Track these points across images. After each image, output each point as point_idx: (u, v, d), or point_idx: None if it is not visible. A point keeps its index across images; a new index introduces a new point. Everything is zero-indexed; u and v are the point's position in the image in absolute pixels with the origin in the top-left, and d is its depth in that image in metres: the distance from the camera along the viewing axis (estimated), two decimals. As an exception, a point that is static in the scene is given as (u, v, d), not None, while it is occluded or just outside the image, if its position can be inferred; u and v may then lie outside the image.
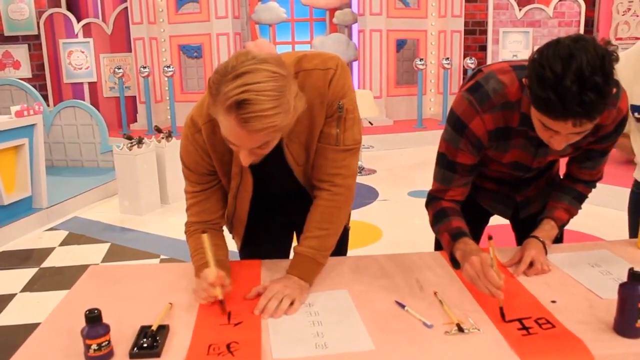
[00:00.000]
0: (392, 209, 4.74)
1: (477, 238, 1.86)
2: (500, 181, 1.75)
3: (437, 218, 1.60)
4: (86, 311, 1.09)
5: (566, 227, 1.71)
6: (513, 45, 8.26)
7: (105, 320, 1.12)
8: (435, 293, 1.40)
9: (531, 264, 1.53)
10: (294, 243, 1.80)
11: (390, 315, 1.30)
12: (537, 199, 1.77)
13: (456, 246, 1.47)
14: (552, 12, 8.14)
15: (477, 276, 1.32)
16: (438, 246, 1.79)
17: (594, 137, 1.49)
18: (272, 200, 1.66)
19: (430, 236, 1.79)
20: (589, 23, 8.33)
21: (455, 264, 1.49)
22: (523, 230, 1.73)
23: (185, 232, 1.56)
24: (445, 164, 1.58)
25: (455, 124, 1.51)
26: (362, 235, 4.03)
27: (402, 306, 1.33)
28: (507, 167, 1.63)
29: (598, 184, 1.70)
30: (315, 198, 1.52)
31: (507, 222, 1.91)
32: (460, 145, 1.51)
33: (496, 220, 1.89)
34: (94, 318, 1.08)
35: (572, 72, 1.15)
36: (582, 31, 8.02)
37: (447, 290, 1.42)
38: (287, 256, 1.79)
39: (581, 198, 1.68)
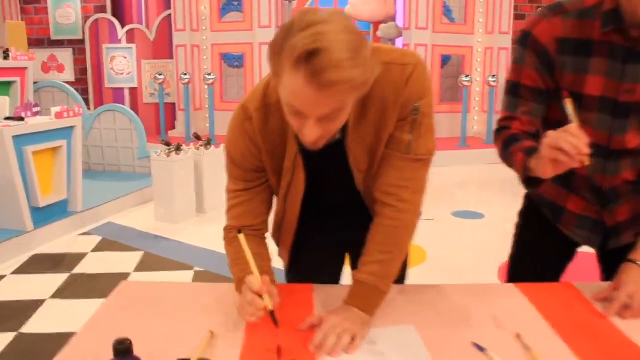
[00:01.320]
0: (436, 229, 4.51)
1: (560, 275, 1.64)
2: (587, 191, 1.46)
3: (507, 143, 1.37)
4: (115, 342, 0.91)
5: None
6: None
7: (136, 350, 0.95)
8: (518, 335, 1.19)
9: (628, 304, 1.27)
10: (346, 266, 1.63)
11: (467, 358, 1.10)
12: (631, 225, 1.49)
13: (532, 158, 1.25)
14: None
15: (556, 136, 1.12)
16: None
17: None
18: (324, 212, 1.48)
19: (477, 259, 1.59)
20: None
21: (530, 185, 1.31)
22: (612, 263, 1.50)
23: (224, 239, 1.38)
24: (509, 88, 1.40)
25: (520, 37, 1.35)
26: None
27: (482, 349, 1.13)
28: (593, 106, 1.33)
29: None
30: (377, 215, 1.30)
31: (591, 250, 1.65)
32: (525, 59, 1.33)
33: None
34: (124, 351, 0.91)
35: None
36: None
37: (530, 332, 1.21)
38: (338, 281, 1.60)
39: None
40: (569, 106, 1.18)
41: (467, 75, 7.51)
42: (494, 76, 7.64)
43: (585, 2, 1.28)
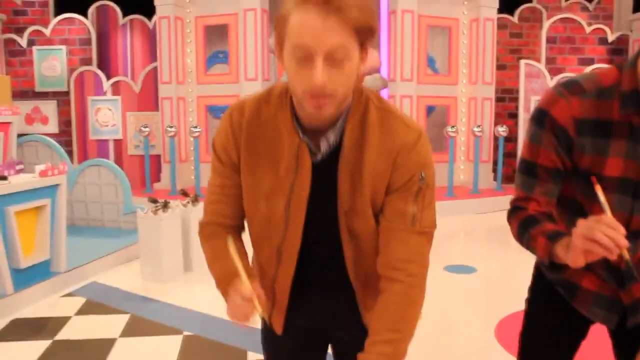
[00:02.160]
0: (429, 286, 4.43)
1: (572, 354, 1.57)
2: (603, 269, 1.41)
3: (525, 225, 1.34)
4: None
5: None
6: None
7: None
8: None
9: None
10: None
11: None
12: None
13: (557, 245, 1.22)
14: (585, 82, 8.00)
15: (590, 227, 1.08)
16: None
17: None
18: (310, 285, 1.35)
19: (472, 316, 1.53)
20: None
21: (553, 269, 1.26)
22: (627, 343, 1.44)
23: (200, 234, 1.36)
24: (525, 168, 1.36)
25: (536, 116, 1.31)
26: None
27: None
28: (614, 187, 1.29)
29: None
30: (384, 292, 1.23)
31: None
32: (542, 139, 1.29)
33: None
34: None
35: None
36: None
37: None
38: None
39: None
40: (600, 194, 1.14)
41: (453, 126, 7.58)
42: (479, 126, 7.73)
43: (603, 81, 1.25)
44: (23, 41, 8.36)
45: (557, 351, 1.56)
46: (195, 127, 7.37)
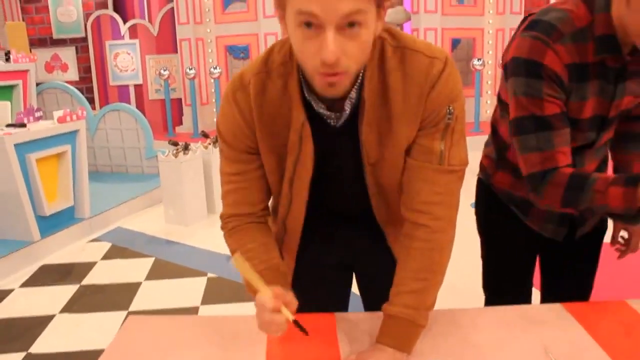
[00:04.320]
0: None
1: (531, 268, 1.66)
2: None
3: (576, 187, 1.23)
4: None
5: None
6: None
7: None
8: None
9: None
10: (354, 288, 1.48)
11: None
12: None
13: (637, 188, 1.15)
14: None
15: None
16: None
17: None
18: (329, 220, 1.32)
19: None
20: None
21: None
22: (556, 256, 1.62)
23: (223, 229, 1.24)
24: (533, 125, 1.26)
25: (529, 69, 1.22)
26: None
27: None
28: (580, 130, 1.31)
29: None
30: (407, 237, 1.14)
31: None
32: (544, 90, 1.22)
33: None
34: None
35: None
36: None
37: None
38: (345, 305, 1.47)
39: None
40: None
41: (479, 59, 7.30)
42: (506, 58, 7.43)
43: (576, 23, 1.23)
44: (37, -14, 8.22)
45: (517, 266, 1.65)
46: (215, 67, 7.24)
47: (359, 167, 1.16)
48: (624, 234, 1.62)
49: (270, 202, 1.28)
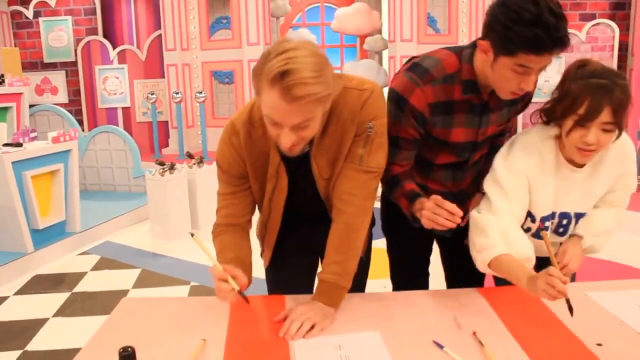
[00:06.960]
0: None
1: (426, 263, 1.98)
2: (445, 178, 1.77)
3: (391, 185, 1.65)
4: (120, 349, 1.07)
5: (600, 257, 1.83)
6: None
7: (139, 358, 1.11)
8: (474, 333, 1.35)
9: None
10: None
11: (427, 358, 1.26)
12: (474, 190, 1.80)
13: (414, 207, 1.55)
14: (584, 37, 8.04)
15: (432, 213, 1.42)
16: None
17: (522, 103, 1.73)
18: (299, 220, 1.67)
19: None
20: (623, 47, 8.19)
21: (415, 222, 1.56)
22: (453, 248, 1.83)
23: (212, 233, 1.61)
24: (389, 141, 1.57)
25: (396, 101, 1.57)
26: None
27: (441, 347, 1.29)
28: (454, 150, 1.68)
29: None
30: (333, 221, 1.52)
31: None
32: (402, 120, 1.57)
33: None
34: (128, 356, 1.06)
35: (545, 8, 1.31)
36: (616, 56, 7.90)
37: (486, 330, 1.37)
38: (312, 285, 1.77)
39: None
40: (546, 240, 1.34)
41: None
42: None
43: (447, 69, 1.55)
44: (29, 13, 8.53)
45: (413, 262, 1.99)
46: (201, 92, 7.55)
47: (313, 182, 1.54)
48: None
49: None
